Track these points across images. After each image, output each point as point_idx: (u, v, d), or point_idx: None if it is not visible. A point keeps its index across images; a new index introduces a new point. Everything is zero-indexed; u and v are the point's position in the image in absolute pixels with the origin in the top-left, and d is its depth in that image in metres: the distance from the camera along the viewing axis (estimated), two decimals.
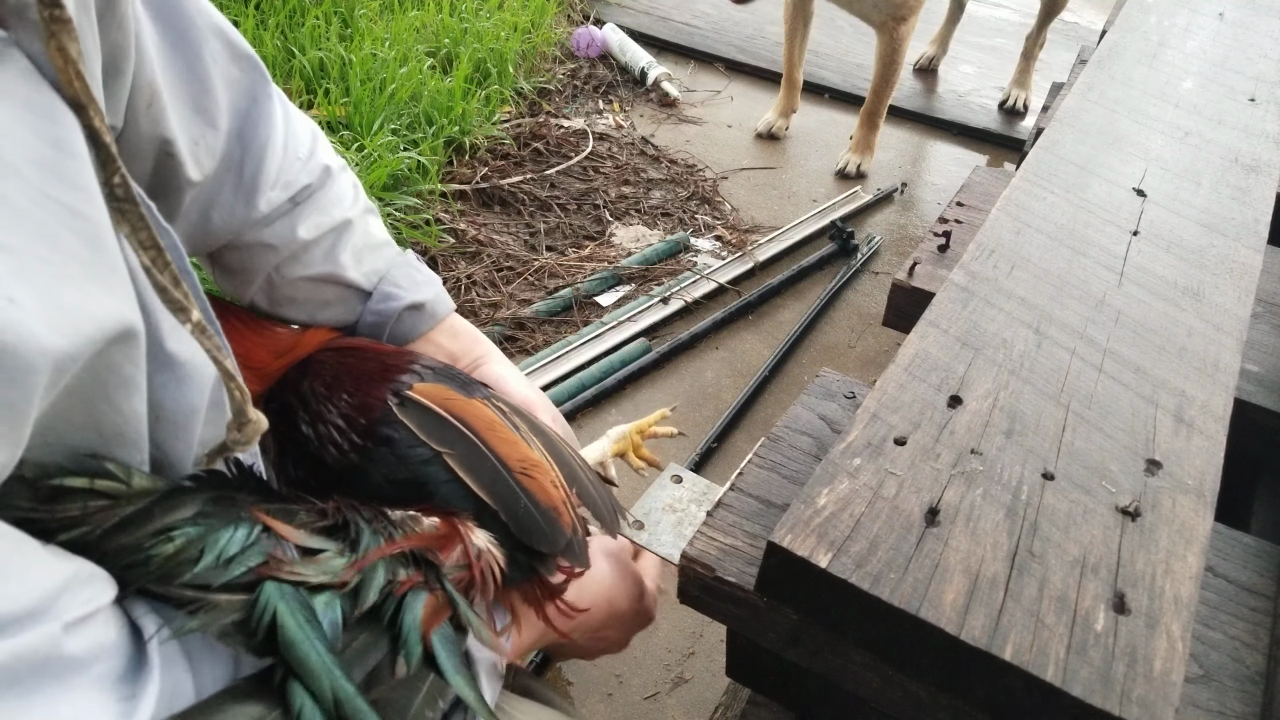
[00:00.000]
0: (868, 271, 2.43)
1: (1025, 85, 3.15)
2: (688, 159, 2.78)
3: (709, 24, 3.55)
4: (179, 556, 0.50)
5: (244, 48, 0.74)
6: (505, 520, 0.65)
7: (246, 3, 2.55)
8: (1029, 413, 0.84)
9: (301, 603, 0.51)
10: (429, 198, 2.32)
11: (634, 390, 1.97)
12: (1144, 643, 0.66)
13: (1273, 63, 1.65)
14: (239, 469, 0.58)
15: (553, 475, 0.70)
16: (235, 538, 0.52)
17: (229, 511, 0.53)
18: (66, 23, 0.44)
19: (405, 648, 0.54)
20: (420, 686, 0.54)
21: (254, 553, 0.52)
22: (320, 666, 0.50)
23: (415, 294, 0.83)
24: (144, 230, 0.49)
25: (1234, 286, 1.07)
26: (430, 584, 0.58)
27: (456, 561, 0.61)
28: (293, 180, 0.78)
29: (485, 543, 0.64)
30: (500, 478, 0.66)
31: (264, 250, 0.78)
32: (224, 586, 0.50)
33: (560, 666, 1.43)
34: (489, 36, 2.84)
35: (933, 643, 0.66)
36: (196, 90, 0.69)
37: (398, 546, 0.58)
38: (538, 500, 0.67)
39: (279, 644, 0.50)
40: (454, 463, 0.66)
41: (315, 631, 0.51)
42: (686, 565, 0.80)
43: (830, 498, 0.74)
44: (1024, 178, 1.22)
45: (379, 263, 0.84)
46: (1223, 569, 0.88)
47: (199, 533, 0.51)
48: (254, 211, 0.76)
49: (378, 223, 0.87)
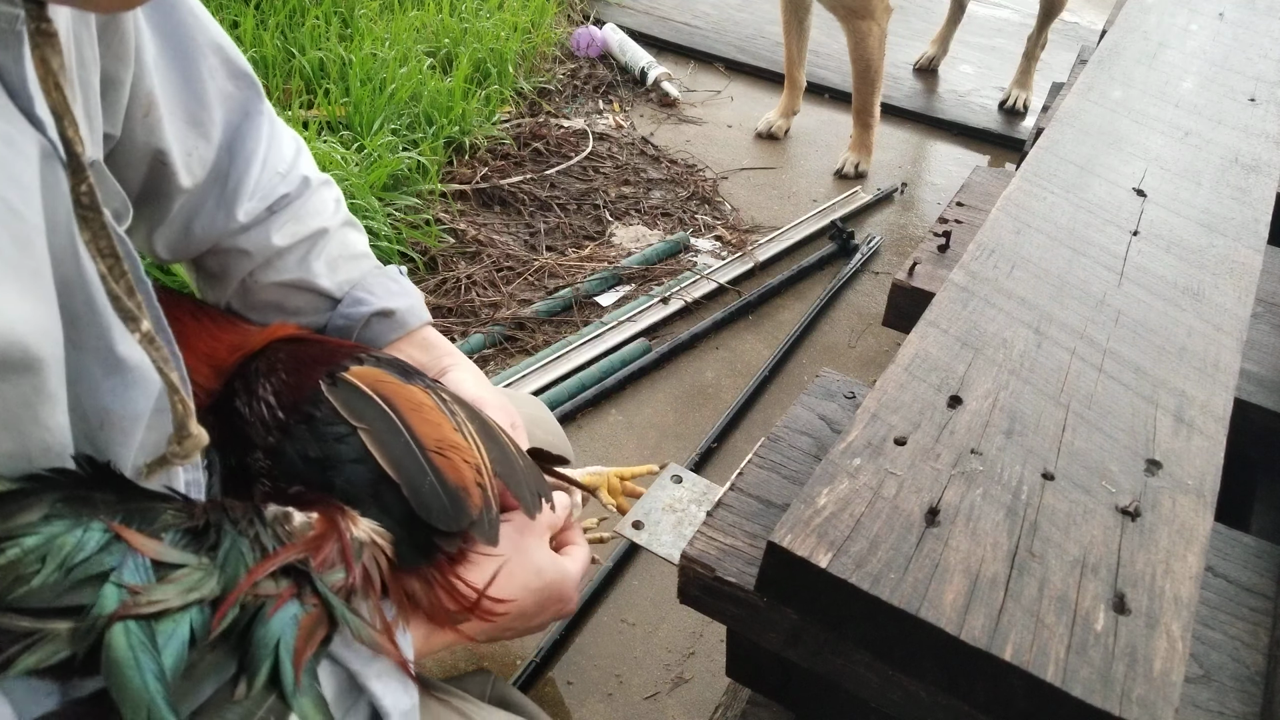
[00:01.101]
0: (868, 271, 2.43)
1: (1026, 86, 3.15)
2: (688, 159, 2.78)
3: (709, 24, 3.55)
4: (15, 570, 0.46)
5: (241, 64, 0.76)
6: (407, 495, 0.63)
7: (247, 3, 2.55)
8: (1029, 413, 0.84)
9: (140, 622, 0.49)
10: (429, 198, 2.32)
11: (634, 390, 1.97)
12: (1144, 643, 0.66)
13: (1273, 63, 1.65)
14: (92, 465, 0.54)
15: (472, 457, 0.68)
16: (83, 542, 0.49)
17: (78, 512, 0.50)
18: (52, 36, 0.46)
19: (251, 666, 0.52)
20: (255, 712, 0.51)
21: (102, 559, 0.49)
22: (139, 693, 0.47)
23: (386, 301, 0.83)
24: (104, 239, 0.50)
25: (1234, 286, 1.07)
26: (304, 596, 0.56)
27: (331, 561, 0.59)
28: (270, 191, 0.80)
29: (368, 533, 0.62)
30: (411, 454, 0.65)
31: (240, 256, 0.80)
32: (59, 611, 0.47)
33: (557, 669, 1.43)
34: (489, 36, 2.84)
35: (933, 643, 0.66)
36: (193, 104, 0.72)
37: (265, 568, 0.55)
38: (446, 478, 0.65)
39: (102, 668, 0.47)
40: (367, 438, 0.64)
41: (147, 655, 0.48)
42: (686, 565, 0.80)
43: (830, 498, 0.74)
44: (1024, 178, 1.22)
45: (354, 272, 0.85)
46: (1223, 569, 0.88)
47: (39, 542, 0.47)
48: (233, 221, 0.78)
49: (359, 236, 0.88)
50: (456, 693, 0.79)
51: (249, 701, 0.51)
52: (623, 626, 1.49)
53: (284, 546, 0.58)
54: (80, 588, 0.48)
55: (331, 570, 0.59)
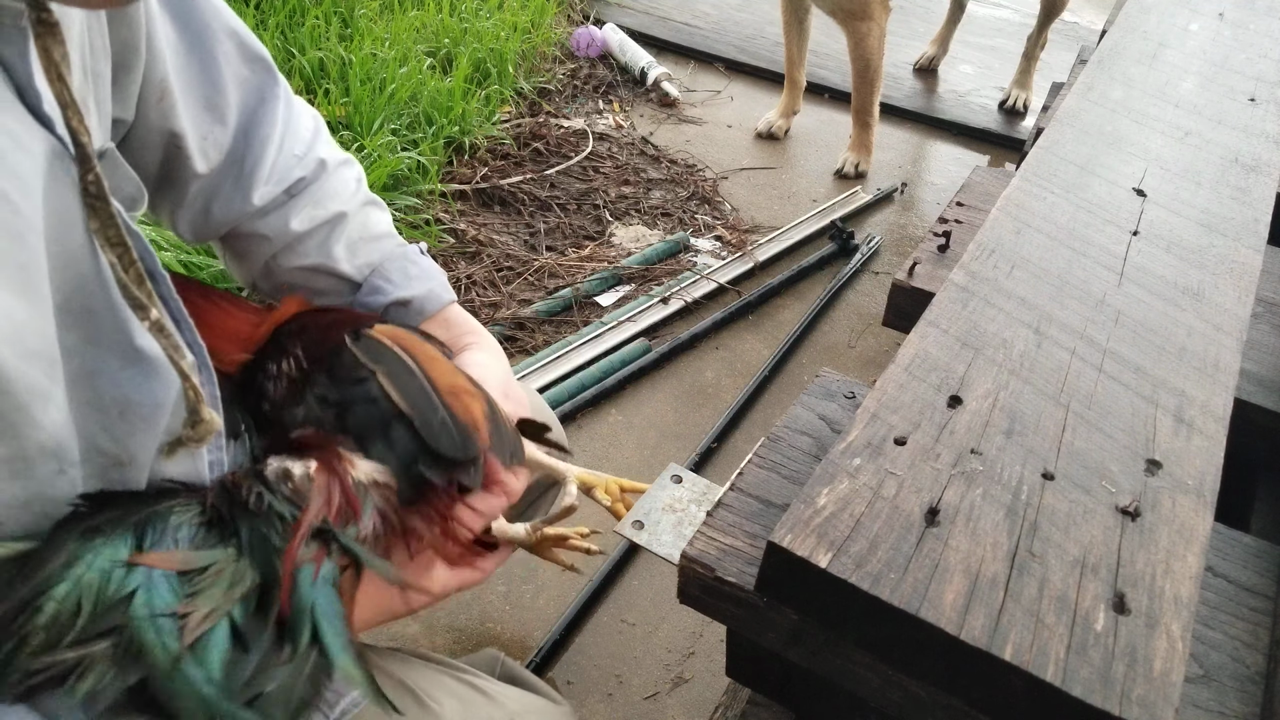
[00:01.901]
0: (868, 271, 2.43)
1: (1026, 86, 3.15)
2: (688, 159, 2.78)
3: (709, 24, 3.55)
4: (57, 622, 0.48)
5: (256, 48, 0.77)
6: (418, 428, 0.65)
7: (247, 3, 2.55)
8: (1029, 413, 0.84)
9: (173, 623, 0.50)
10: (429, 198, 2.32)
11: (634, 390, 1.97)
12: (1144, 643, 0.66)
13: (1273, 63, 1.65)
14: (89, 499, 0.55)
15: (482, 405, 0.70)
16: (108, 576, 0.50)
17: (94, 547, 0.51)
18: (52, 26, 0.46)
19: (294, 630, 0.54)
20: (302, 670, 0.54)
21: (127, 582, 0.50)
22: (196, 701, 0.49)
23: (405, 289, 0.84)
24: (113, 228, 0.50)
25: (1234, 286, 1.07)
26: (332, 553, 0.58)
27: (340, 509, 0.61)
28: (287, 174, 0.80)
29: (368, 475, 0.63)
30: (425, 394, 0.67)
31: (260, 240, 0.82)
32: (98, 636, 0.48)
33: (557, 669, 1.43)
34: (489, 36, 2.84)
35: (933, 643, 0.66)
36: (209, 89, 0.73)
37: (295, 544, 0.57)
38: (456, 415, 0.67)
39: (152, 686, 0.48)
40: (384, 379, 0.66)
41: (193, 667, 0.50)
42: (686, 565, 0.80)
43: (830, 498, 0.74)
44: (1024, 178, 1.22)
45: (374, 255, 0.85)
46: (1223, 569, 0.88)
47: (69, 589, 0.48)
48: (249, 204, 0.79)
49: (380, 215, 0.88)
50: (470, 670, 0.81)
51: (294, 663, 0.53)
52: (623, 626, 1.49)
53: (302, 513, 0.59)
54: (112, 612, 0.50)
55: (348, 521, 0.61)
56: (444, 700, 0.74)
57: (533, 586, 1.53)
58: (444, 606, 1.50)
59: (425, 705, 0.73)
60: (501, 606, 1.50)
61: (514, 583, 1.54)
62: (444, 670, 0.78)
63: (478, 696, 0.77)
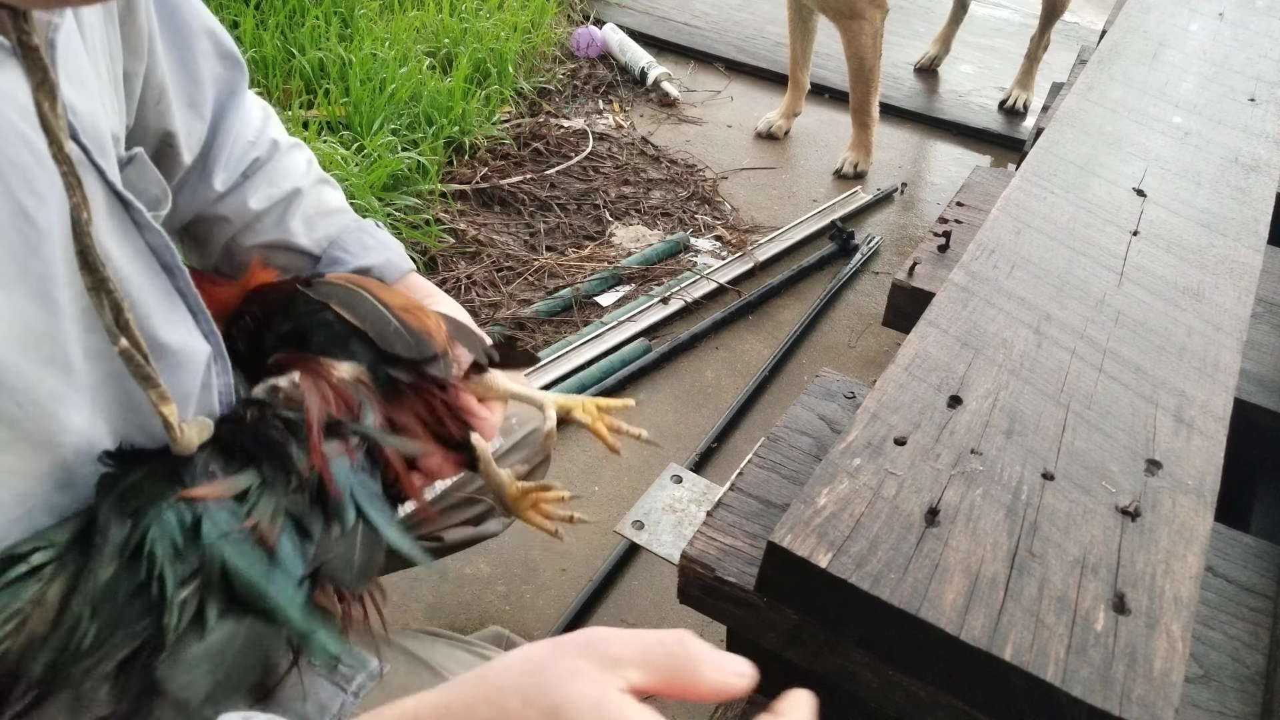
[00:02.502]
0: (868, 271, 2.43)
1: (1028, 87, 3.14)
2: (688, 159, 2.78)
3: (709, 24, 3.55)
4: (155, 562, 0.50)
5: (228, 46, 0.80)
6: (373, 338, 0.67)
7: (247, 3, 2.55)
8: (1029, 413, 0.84)
9: (249, 543, 0.53)
10: (429, 198, 2.32)
11: (634, 390, 1.97)
12: (1144, 643, 0.66)
13: (1273, 63, 1.65)
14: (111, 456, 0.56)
15: (436, 318, 0.72)
16: (167, 523, 0.52)
17: (144, 504, 0.53)
18: (33, 50, 0.47)
19: (339, 513, 0.58)
20: (354, 541, 0.58)
21: (179, 519, 0.52)
22: (288, 602, 0.53)
23: (362, 258, 0.85)
24: (91, 251, 0.51)
25: (1234, 286, 1.07)
26: (351, 445, 0.61)
27: (333, 402, 0.63)
28: (244, 157, 0.83)
29: (350, 373, 0.66)
30: (378, 312, 0.69)
31: (220, 222, 0.84)
32: (181, 583, 0.50)
33: None
34: (489, 36, 2.84)
35: (933, 643, 0.66)
36: (191, 87, 0.76)
37: (315, 444, 0.60)
38: (409, 324, 0.69)
39: (238, 592, 0.52)
40: (336, 306, 0.68)
41: (281, 575, 0.53)
42: (686, 565, 0.80)
43: (830, 498, 0.74)
44: (1024, 178, 1.22)
45: (330, 229, 0.86)
46: (1223, 569, 0.88)
47: (157, 534, 0.50)
48: (211, 191, 0.82)
49: (333, 193, 0.90)
50: (481, 644, 0.82)
51: (347, 537, 0.58)
52: (623, 626, 1.49)
53: (306, 413, 0.61)
54: (191, 547, 0.52)
55: (348, 412, 0.63)
56: (459, 673, 0.75)
57: (533, 586, 1.53)
58: (445, 607, 1.50)
59: (441, 677, 0.74)
60: (501, 606, 1.50)
61: (514, 583, 1.54)
62: (456, 644, 0.80)
63: None
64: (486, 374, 0.78)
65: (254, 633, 0.52)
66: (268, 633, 0.53)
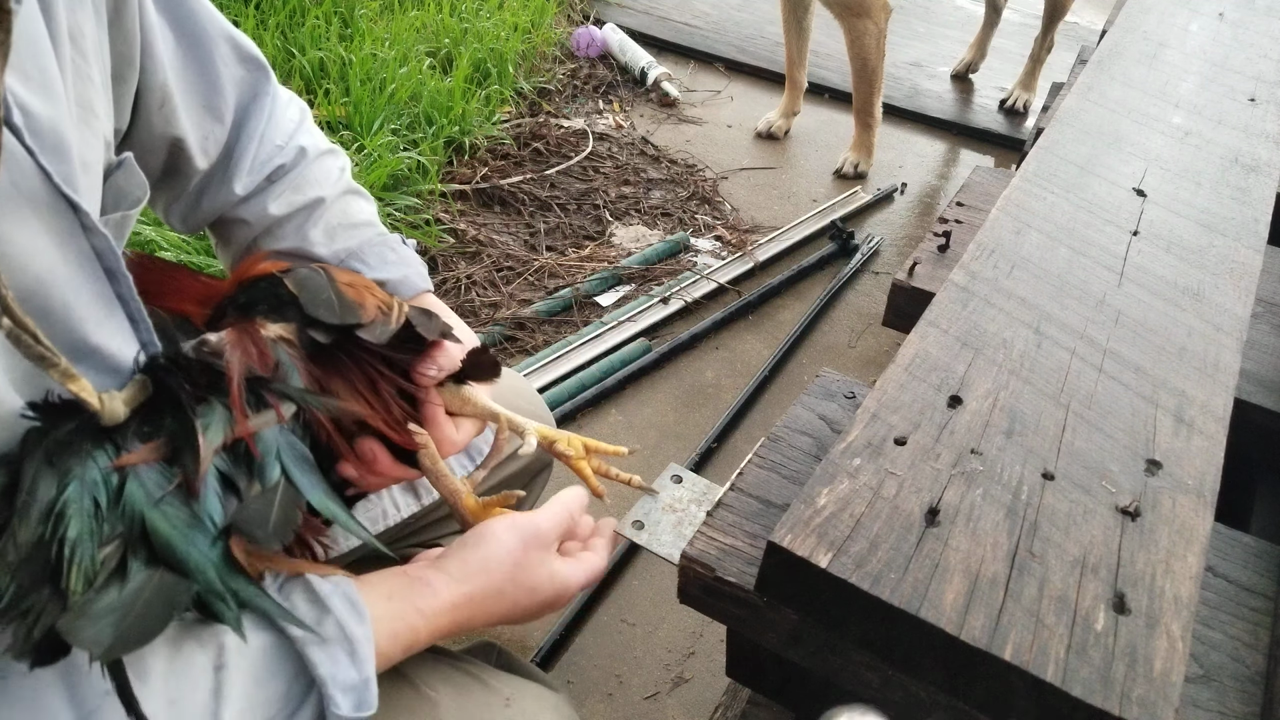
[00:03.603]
0: (868, 271, 2.43)
1: (1030, 88, 3.14)
2: (688, 159, 2.78)
3: (709, 24, 3.55)
4: (80, 524, 0.50)
5: (249, 49, 0.81)
6: (302, 303, 0.67)
7: (246, 3, 2.55)
8: (1029, 413, 0.84)
9: (179, 504, 0.54)
10: (429, 198, 2.32)
11: (634, 390, 1.97)
12: (1144, 643, 0.66)
13: (1273, 63, 1.65)
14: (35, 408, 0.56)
15: (377, 293, 0.72)
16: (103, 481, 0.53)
17: (72, 463, 0.53)
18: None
19: (260, 471, 0.59)
20: (273, 499, 0.59)
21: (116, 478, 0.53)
22: (200, 561, 0.54)
23: (380, 272, 0.85)
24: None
25: (1234, 286, 1.07)
26: (281, 406, 0.62)
27: (255, 356, 0.63)
28: (268, 162, 0.83)
29: (276, 331, 0.66)
30: (319, 282, 0.69)
31: (240, 225, 0.84)
32: (108, 541, 0.51)
33: (557, 669, 1.43)
34: (489, 36, 2.84)
35: (933, 643, 0.66)
36: (208, 91, 0.78)
37: (236, 394, 0.60)
38: (344, 295, 0.69)
39: (160, 553, 0.53)
40: (288, 280, 0.69)
41: (196, 533, 0.54)
42: (686, 565, 0.80)
43: (830, 498, 0.74)
44: (1024, 178, 1.22)
45: (351, 241, 0.86)
46: (1223, 569, 0.88)
47: (76, 496, 0.51)
48: (232, 194, 0.82)
49: (362, 204, 0.89)
50: (467, 659, 0.81)
51: (265, 495, 0.58)
52: (623, 626, 1.49)
53: (227, 367, 0.61)
54: (111, 514, 0.53)
55: (281, 371, 0.64)
56: (440, 688, 0.74)
57: None
58: None
59: (422, 693, 0.73)
60: None
61: None
62: (440, 659, 0.78)
63: (475, 684, 0.77)
64: (465, 387, 0.76)
65: (164, 585, 0.52)
66: (178, 586, 0.53)
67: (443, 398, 0.74)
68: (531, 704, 0.78)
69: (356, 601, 0.61)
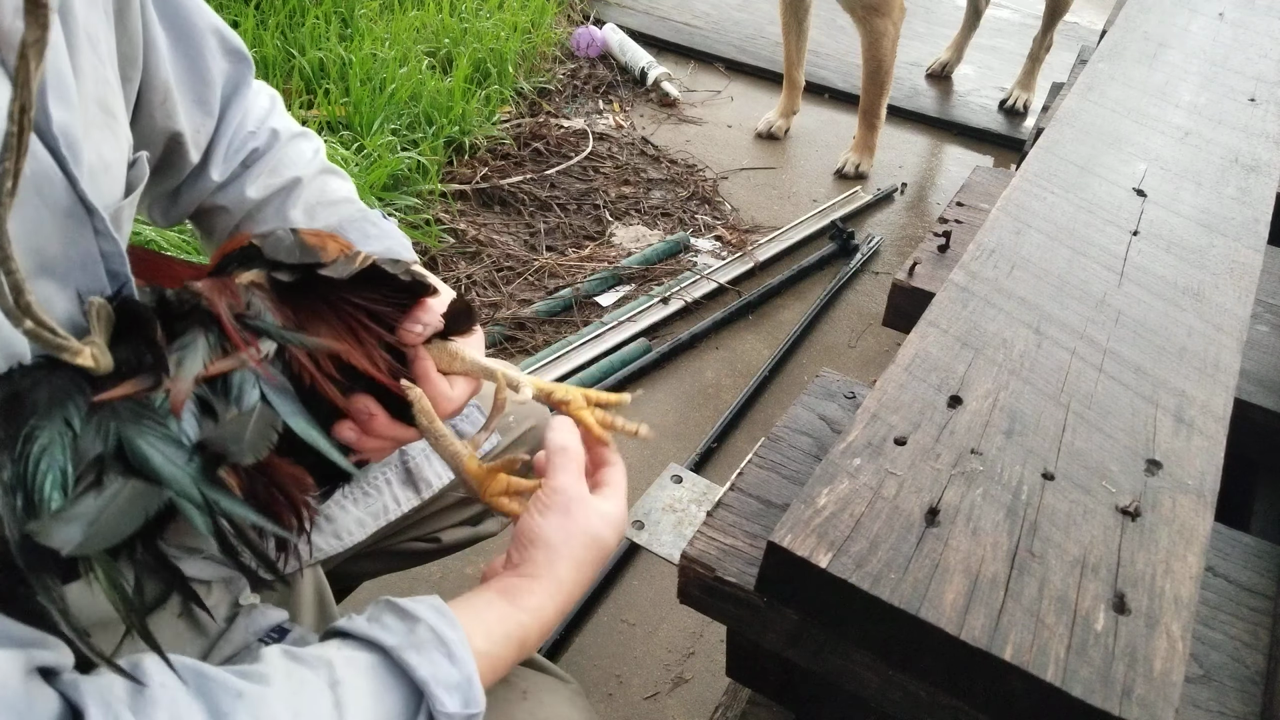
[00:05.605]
0: (868, 271, 2.43)
1: (1030, 87, 3.14)
2: (688, 159, 2.78)
3: (709, 24, 3.55)
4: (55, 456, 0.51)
5: (235, 43, 0.82)
6: (264, 250, 0.67)
7: (247, 3, 2.55)
8: (1029, 413, 0.84)
9: (151, 429, 0.55)
10: (429, 198, 2.32)
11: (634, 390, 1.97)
12: (1144, 643, 0.66)
13: (1273, 63, 1.65)
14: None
15: (341, 241, 0.72)
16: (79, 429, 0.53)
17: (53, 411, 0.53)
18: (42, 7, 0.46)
19: (238, 397, 0.59)
20: (247, 423, 0.58)
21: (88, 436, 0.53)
22: (176, 475, 0.54)
23: (363, 246, 0.83)
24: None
25: (1234, 286, 1.07)
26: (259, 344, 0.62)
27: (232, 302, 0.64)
28: (242, 148, 0.84)
29: (248, 278, 0.66)
30: (283, 233, 0.69)
31: (220, 212, 0.85)
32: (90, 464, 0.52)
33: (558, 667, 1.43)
34: (489, 36, 2.84)
35: (933, 643, 0.66)
36: (199, 85, 0.78)
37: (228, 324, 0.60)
38: (305, 240, 0.69)
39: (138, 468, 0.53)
40: (255, 238, 0.69)
41: (171, 448, 0.55)
42: (686, 565, 0.80)
43: (830, 498, 0.74)
44: (1024, 178, 1.22)
45: (332, 219, 0.86)
46: (1223, 569, 0.88)
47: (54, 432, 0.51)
48: (209, 182, 0.83)
49: (339, 182, 0.89)
50: None
51: (242, 416, 0.58)
52: (623, 626, 1.49)
53: (214, 307, 0.61)
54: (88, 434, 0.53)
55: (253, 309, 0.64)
56: None
57: None
58: None
59: None
60: None
61: None
62: None
63: None
64: (451, 344, 0.74)
65: (135, 492, 0.53)
66: (150, 492, 0.53)
67: (432, 355, 0.73)
68: (548, 695, 0.78)
69: (444, 609, 0.61)
